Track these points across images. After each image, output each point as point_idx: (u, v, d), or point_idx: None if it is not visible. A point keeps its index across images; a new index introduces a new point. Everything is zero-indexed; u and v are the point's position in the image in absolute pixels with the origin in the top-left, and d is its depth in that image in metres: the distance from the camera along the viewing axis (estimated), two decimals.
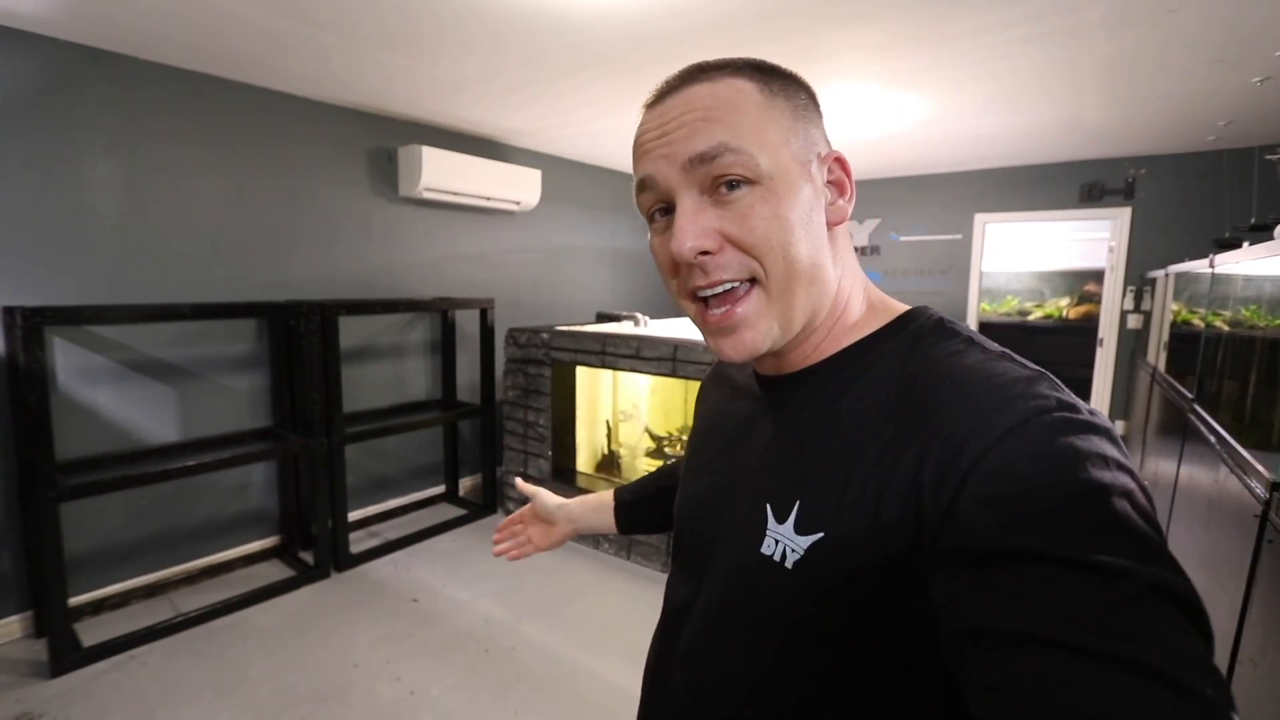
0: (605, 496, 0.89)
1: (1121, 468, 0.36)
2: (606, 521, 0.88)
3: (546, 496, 0.89)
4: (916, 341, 0.48)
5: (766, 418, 0.54)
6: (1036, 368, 0.43)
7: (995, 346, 0.46)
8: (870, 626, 0.42)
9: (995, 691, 0.32)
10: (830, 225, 0.49)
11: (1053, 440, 0.36)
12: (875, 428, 0.44)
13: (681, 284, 0.50)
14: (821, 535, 0.44)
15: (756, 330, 0.48)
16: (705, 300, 0.49)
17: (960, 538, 0.36)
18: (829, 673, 0.45)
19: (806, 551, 0.44)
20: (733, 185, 0.46)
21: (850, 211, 0.50)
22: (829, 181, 0.50)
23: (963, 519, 0.36)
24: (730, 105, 0.47)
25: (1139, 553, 0.32)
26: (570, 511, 0.88)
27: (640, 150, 0.49)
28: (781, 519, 0.47)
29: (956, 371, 0.43)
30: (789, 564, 0.45)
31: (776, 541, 0.46)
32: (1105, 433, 0.37)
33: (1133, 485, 0.35)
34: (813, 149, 0.49)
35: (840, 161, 0.50)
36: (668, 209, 0.49)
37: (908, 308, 0.52)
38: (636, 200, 0.52)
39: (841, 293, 0.51)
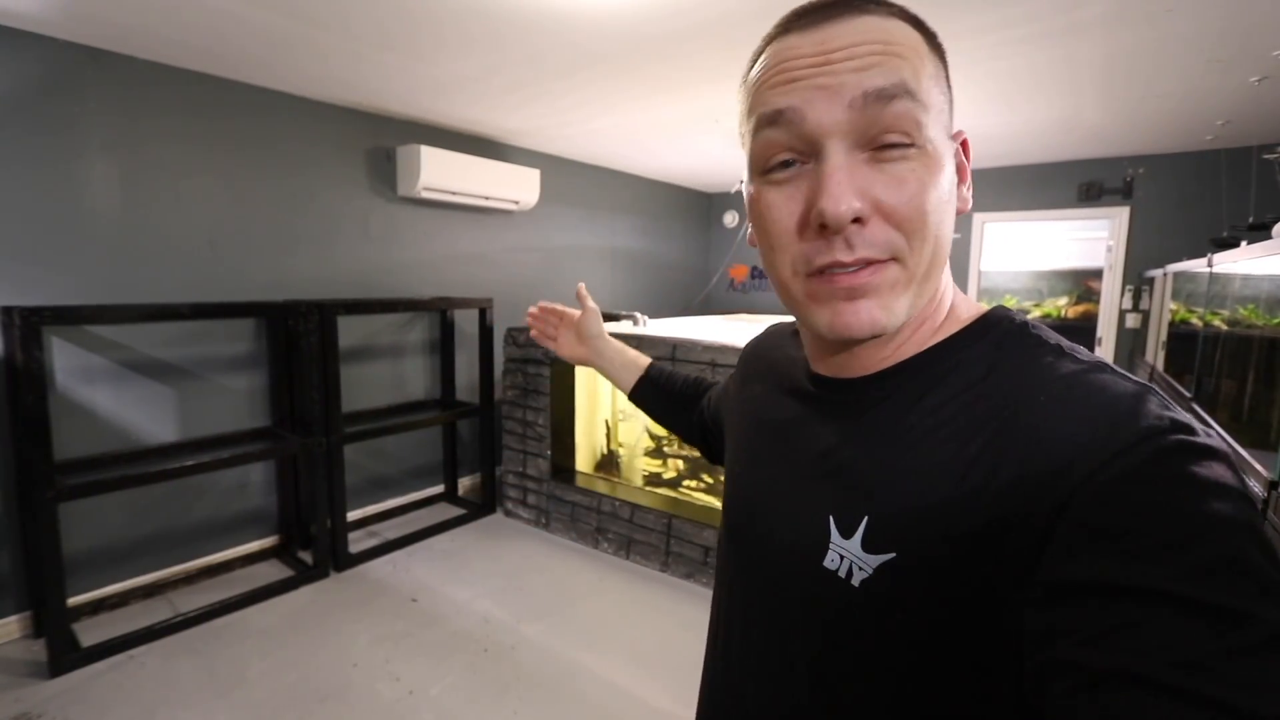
0: (640, 360, 0.92)
1: (1244, 499, 0.32)
2: (625, 379, 0.91)
3: (596, 318, 0.91)
4: (1001, 348, 0.42)
5: (824, 420, 0.49)
6: (1141, 381, 0.38)
7: (1090, 355, 0.41)
8: (944, 654, 0.39)
9: None
10: (957, 212, 0.44)
11: (1169, 466, 0.32)
12: (957, 443, 0.39)
13: (803, 257, 0.42)
14: (893, 555, 0.40)
15: (887, 308, 0.41)
16: (823, 272, 0.42)
17: (1059, 567, 0.33)
18: (895, 698, 0.42)
19: (876, 571, 0.41)
20: (893, 146, 0.39)
21: (970, 201, 0.45)
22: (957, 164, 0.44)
23: (1063, 547, 0.33)
24: (910, 46, 0.40)
25: (1263, 595, 0.29)
26: (602, 347, 0.91)
27: (782, 76, 0.41)
28: (847, 534, 0.43)
29: (1053, 384, 0.38)
30: (855, 582, 0.42)
31: (841, 557, 0.43)
32: (1225, 459, 0.33)
33: (1254, 518, 0.32)
34: (953, 122, 0.44)
35: (965, 145, 0.45)
36: (794, 160, 0.41)
37: (985, 308, 0.46)
38: (752, 140, 0.43)
39: (941, 291, 0.46)
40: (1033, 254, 6.08)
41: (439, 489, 3.67)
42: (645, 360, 0.92)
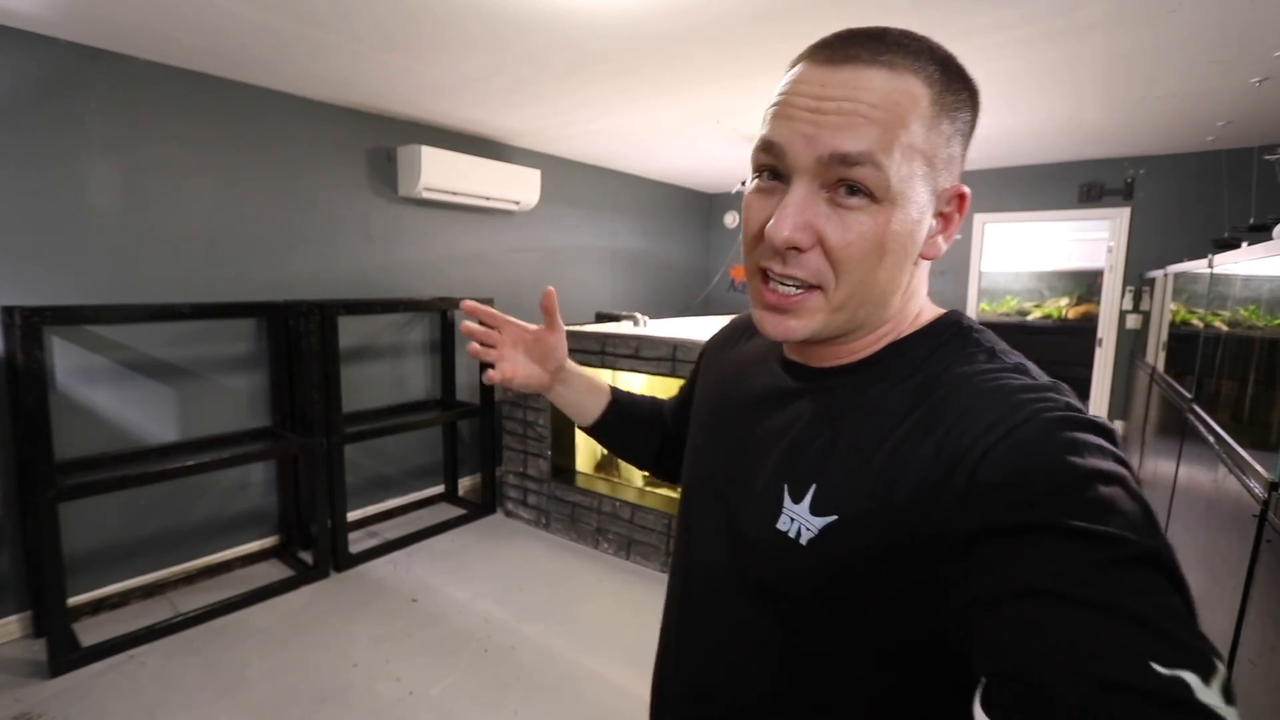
0: (603, 385, 0.82)
1: (1115, 458, 0.38)
2: (589, 406, 0.80)
3: (561, 340, 0.76)
4: (941, 347, 0.50)
5: (791, 401, 0.55)
6: (1050, 379, 0.45)
7: (1014, 357, 0.48)
8: (881, 606, 0.45)
9: (995, 643, 0.35)
10: (922, 258, 0.50)
11: (1051, 433, 0.39)
12: (893, 422, 0.46)
13: (758, 255, 0.49)
14: (836, 518, 0.46)
15: (804, 323, 0.48)
16: (766, 275, 0.49)
17: (968, 522, 0.39)
18: (839, 651, 0.48)
19: (820, 531, 0.47)
20: (853, 190, 0.44)
21: (944, 249, 0.50)
22: (940, 213, 0.49)
23: (971, 506, 0.39)
24: (897, 113, 0.43)
25: (1129, 526, 0.35)
26: (567, 374, 0.78)
27: (783, 108, 0.46)
28: (797, 499, 0.49)
29: (972, 379, 0.46)
30: (803, 541, 0.47)
31: (792, 520, 0.48)
32: (1103, 430, 0.40)
33: (1125, 473, 0.38)
34: (948, 176, 0.48)
35: (961, 197, 0.49)
36: (778, 175, 0.47)
37: (942, 313, 0.54)
38: (754, 150, 0.49)
39: (900, 314, 0.52)
40: (1034, 254, 6.08)
41: (439, 489, 3.67)
42: (605, 384, 0.83)
